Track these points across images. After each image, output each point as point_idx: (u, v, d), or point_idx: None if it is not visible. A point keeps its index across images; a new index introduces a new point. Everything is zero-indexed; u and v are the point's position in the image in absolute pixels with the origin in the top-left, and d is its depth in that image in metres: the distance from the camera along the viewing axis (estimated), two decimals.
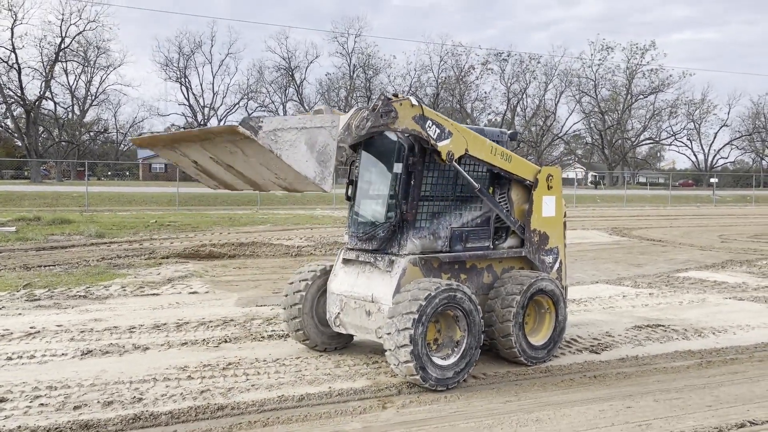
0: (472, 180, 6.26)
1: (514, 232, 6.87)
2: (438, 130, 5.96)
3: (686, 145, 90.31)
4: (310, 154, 4.89)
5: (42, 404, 5.27)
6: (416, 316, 5.51)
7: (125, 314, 8.58)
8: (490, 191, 6.81)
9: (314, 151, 4.91)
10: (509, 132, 7.15)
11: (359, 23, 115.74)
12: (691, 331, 8.11)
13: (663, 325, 8.35)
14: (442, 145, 5.99)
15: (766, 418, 5.22)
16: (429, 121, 5.90)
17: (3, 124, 61.58)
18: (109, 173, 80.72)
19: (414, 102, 5.81)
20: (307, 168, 4.87)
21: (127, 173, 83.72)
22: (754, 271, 13.40)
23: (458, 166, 6.15)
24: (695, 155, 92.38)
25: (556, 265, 7.15)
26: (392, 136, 6.26)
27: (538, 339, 6.63)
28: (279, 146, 4.70)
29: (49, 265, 12.56)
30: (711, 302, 10.04)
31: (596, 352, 7.04)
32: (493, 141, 6.57)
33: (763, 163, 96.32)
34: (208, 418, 5.02)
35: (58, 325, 7.85)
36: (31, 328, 7.72)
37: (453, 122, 6.16)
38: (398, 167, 6.21)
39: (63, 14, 60.54)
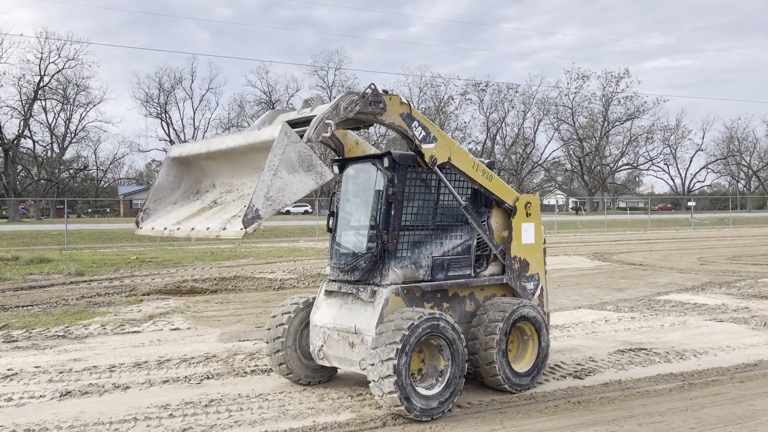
0: (456, 194, 6.34)
1: (495, 259, 6.93)
2: (424, 133, 6.08)
3: (663, 170, 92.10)
4: (298, 173, 4.94)
5: None
6: (400, 346, 5.50)
7: (105, 353, 8.45)
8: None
9: (298, 168, 4.95)
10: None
11: (339, 57, 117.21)
12: (672, 353, 8.17)
13: (645, 349, 8.40)
14: (426, 148, 6.09)
15: None
16: (416, 122, 6.03)
17: None
18: (89, 210, 79.93)
19: (403, 100, 5.95)
20: (306, 185, 4.95)
21: (108, 210, 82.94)
22: (733, 293, 13.56)
23: (441, 175, 6.23)
24: (673, 179, 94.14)
25: (538, 292, 7.21)
26: (373, 167, 6.33)
27: (522, 366, 6.64)
28: (279, 202, 4.79)
29: (27, 306, 12.36)
30: (692, 324, 10.14)
31: (580, 378, 7.06)
32: None
33: (739, 185, 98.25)
34: None
35: (36, 367, 7.71)
36: (8, 370, 7.57)
37: (439, 129, 6.28)
38: (378, 197, 6.26)
39: (42, 53, 60.37)
